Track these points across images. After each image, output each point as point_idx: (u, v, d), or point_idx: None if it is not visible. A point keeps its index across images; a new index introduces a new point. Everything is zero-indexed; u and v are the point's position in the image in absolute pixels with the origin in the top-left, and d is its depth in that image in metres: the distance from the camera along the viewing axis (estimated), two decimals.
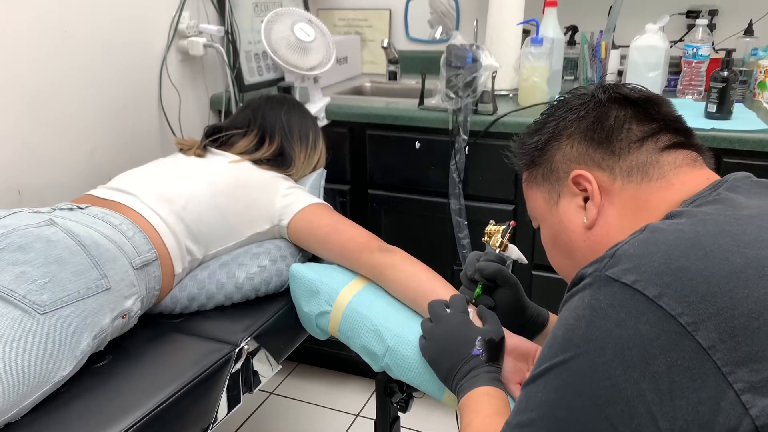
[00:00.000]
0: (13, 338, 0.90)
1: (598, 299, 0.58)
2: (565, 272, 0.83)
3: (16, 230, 1.02)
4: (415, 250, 1.21)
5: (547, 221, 0.82)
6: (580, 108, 0.78)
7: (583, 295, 0.61)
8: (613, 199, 0.73)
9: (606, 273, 0.59)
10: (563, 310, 0.63)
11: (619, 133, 0.74)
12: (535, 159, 0.82)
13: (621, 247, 0.61)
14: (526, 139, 0.84)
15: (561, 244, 0.80)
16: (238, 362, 1.15)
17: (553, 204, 0.80)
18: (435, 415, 1.88)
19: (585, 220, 0.75)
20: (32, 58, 1.41)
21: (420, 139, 1.69)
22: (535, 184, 0.83)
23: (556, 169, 0.79)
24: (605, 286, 0.58)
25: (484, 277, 0.97)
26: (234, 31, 1.93)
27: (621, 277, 0.58)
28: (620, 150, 0.74)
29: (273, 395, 2.04)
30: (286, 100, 1.54)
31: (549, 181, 0.80)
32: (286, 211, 1.32)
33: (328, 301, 1.18)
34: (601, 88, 0.79)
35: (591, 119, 0.76)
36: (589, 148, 0.75)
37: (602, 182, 0.74)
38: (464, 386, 0.88)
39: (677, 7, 1.90)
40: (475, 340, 0.90)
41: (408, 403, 1.24)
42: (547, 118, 0.82)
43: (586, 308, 0.59)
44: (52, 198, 1.46)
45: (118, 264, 1.08)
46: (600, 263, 0.61)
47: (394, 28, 2.31)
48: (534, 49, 1.63)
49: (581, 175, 0.75)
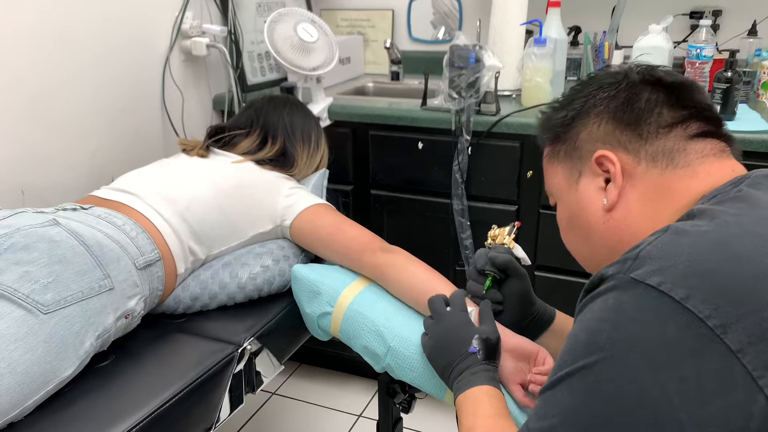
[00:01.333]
0: (17, 338, 0.91)
1: (623, 302, 0.57)
2: (577, 252, 0.82)
3: (19, 230, 1.02)
4: (417, 250, 1.21)
5: (565, 199, 0.80)
6: (611, 87, 0.75)
7: (607, 297, 0.59)
8: (636, 183, 0.72)
9: (631, 275, 0.57)
10: (584, 312, 0.62)
11: (649, 117, 0.72)
12: (559, 134, 0.79)
13: (644, 248, 0.59)
14: (552, 113, 0.81)
15: (577, 225, 0.78)
16: (241, 362, 1.15)
17: (573, 182, 0.78)
18: (437, 416, 1.88)
19: (605, 202, 0.73)
20: (34, 59, 1.41)
21: (423, 140, 1.69)
22: (556, 160, 0.81)
23: (580, 147, 0.77)
24: (630, 289, 0.57)
25: (495, 266, 0.96)
26: (237, 32, 1.93)
27: (646, 279, 0.56)
28: (648, 134, 0.72)
29: (275, 395, 2.04)
30: (288, 100, 1.54)
31: (571, 159, 0.78)
32: (289, 211, 1.32)
33: (330, 302, 1.18)
34: (635, 68, 0.76)
35: (621, 99, 0.74)
36: (616, 128, 0.73)
37: (626, 165, 0.72)
38: (461, 384, 0.87)
39: (681, 7, 1.90)
40: (472, 339, 0.90)
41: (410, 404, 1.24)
42: (575, 93, 0.79)
43: (610, 311, 0.58)
44: (54, 198, 1.46)
45: (121, 264, 1.08)
46: (623, 265, 0.59)
47: (396, 28, 2.31)
48: (537, 50, 1.63)
49: (605, 155, 0.73)
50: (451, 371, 0.89)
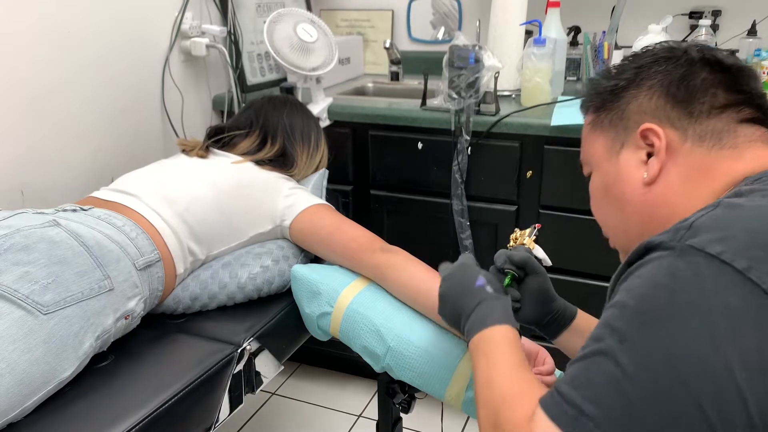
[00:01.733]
0: (16, 338, 0.91)
1: (680, 268, 0.55)
2: (607, 222, 0.81)
3: (19, 231, 1.02)
4: (417, 250, 1.21)
5: (603, 169, 0.79)
6: (668, 61, 0.74)
7: (659, 264, 0.57)
8: (679, 160, 0.71)
9: (687, 242, 0.56)
10: (630, 280, 0.59)
11: (703, 96, 0.71)
12: (607, 103, 0.78)
13: (697, 219, 0.59)
14: (602, 81, 0.80)
15: (613, 195, 0.77)
16: (241, 363, 1.15)
17: (615, 153, 0.77)
18: (437, 416, 1.87)
19: (645, 175, 0.73)
20: (34, 59, 1.41)
21: (422, 140, 1.69)
22: (599, 128, 0.79)
23: (627, 117, 0.75)
24: (687, 256, 0.55)
25: (513, 263, 0.95)
26: (236, 32, 1.93)
27: (706, 248, 0.55)
28: (699, 113, 0.71)
29: (275, 396, 2.04)
30: (288, 100, 1.54)
31: (616, 129, 0.77)
32: (289, 211, 1.32)
33: (329, 302, 1.18)
34: (695, 47, 0.75)
35: (677, 75, 0.73)
36: (667, 103, 0.73)
37: (672, 141, 0.71)
38: (474, 323, 0.80)
39: (680, 7, 1.90)
40: (478, 275, 0.87)
41: (410, 404, 1.24)
42: (628, 64, 0.78)
43: (665, 276, 0.56)
44: (54, 198, 1.46)
45: (121, 265, 1.08)
46: (675, 234, 0.58)
47: (396, 28, 2.31)
48: (537, 50, 1.63)
49: (652, 129, 0.72)
50: (460, 311, 0.84)
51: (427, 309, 1.10)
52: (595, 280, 1.57)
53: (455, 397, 1.05)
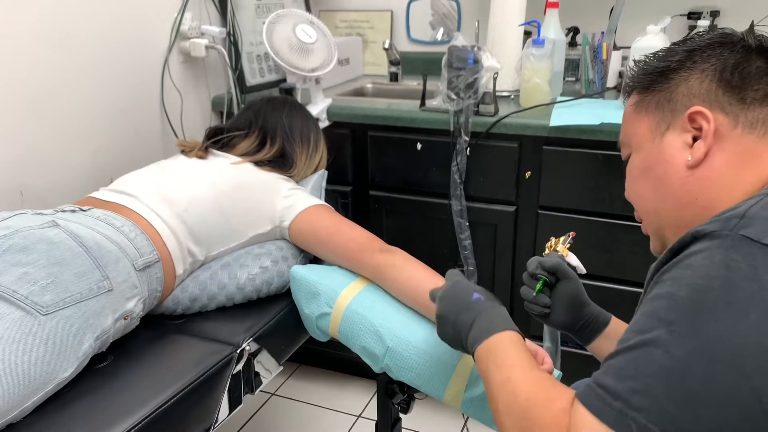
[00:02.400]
0: (16, 339, 0.91)
1: (735, 259, 0.54)
2: (642, 204, 0.80)
3: (18, 231, 1.02)
4: (416, 251, 1.22)
5: (645, 150, 0.78)
6: (723, 46, 0.73)
7: (711, 254, 0.56)
8: (725, 146, 0.70)
9: (741, 232, 0.56)
10: (675, 270, 0.59)
11: (757, 84, 0.71)
12: (655, 84, 0.77)
13: (750, 208, 0.58)
14: (652, 61, 0.79)
15: (652, 176, 0.77)
16: (240, 363, 1.15)
17: (659, 134, 0.76)
18: (437, 416, 1.88)
19: (689, 158, 0.72)
20: (34, 60, 1.41)
21: (421, 141, 1.69)
22: (644, 109, 0.78)
23: (675, 100, 0.74)
24: (742, 247, 0.55)
25: (545, 269, 0.96)
26: (236, 33, 1.93)
27: (762, 239, 0.54)
28: (752, 100, 0.70)
29: (275, 396, 2.05)
30: (287, 101, 1.54)
31: (662, 110, 0.76)
32: (288, 212, 1.32)
33: (329, 303, 1.18)
34: (752, 34, 0.74)
35: (732, 61, 0.72)
36: (719, 88, 0.72)
37: (721, 126, 0.70)
38: (479, 333, 0.80)
39: (679, 8, 1.90)
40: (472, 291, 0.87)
41: (409, 405, 1.24)
42: (679, 48, 0.77)
43: (719, 267, 0.55)
44: (54, 199, 1.46)
45: (120, 265, 1.09)
46: (726, 223, 0.57)
47: (395, 29, 2.31)
48: (535, 51, 1.63)
49: (701, 112, 0.71)
50: (461, 327, 0.84)
51: (426, 309, 1.10)
52: (595, 281, 1.57)
53: (454, 397, 1.05)
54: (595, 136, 1.49)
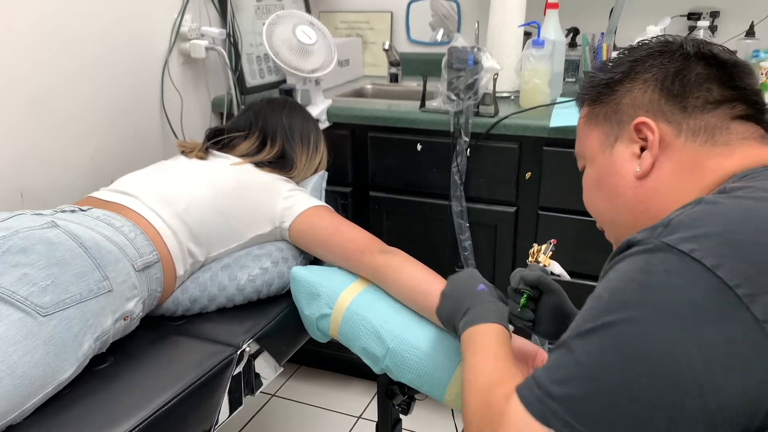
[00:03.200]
0: (16, 340, 0.90)
1: (652, 264, 0.57)
2: (599, 215, 0.82)
3: (18, 232, 1.02)
4: (416, 252, 1.22)
5: (597, 162, 0.79)
6: (663, 55, 0.74)
7: (635, 259, 0.59)
8: (671, 155, 0.71)
9: (662, 240, 0.58)
10: (609, 273, 0.61)
11: (697, 91, 0.71)
12: (602, 96, 0.78)
13: (676, 217, 0.60)
14: (598, 74, 0.80)
15: (605, 188, 0.78)
16: (240, 364, 1.15)
17: (608, 146, 0.77)
18: (437, 417, 1.87)
19: (637, 169, 0.73)
20: (34, 60, 1.41)
21: (421, 141, 1.69)
22: (594, 122, 0.80)
23: (621, 111, 0.76)
24: (660, 252, 0.57)
25: (527, 283, 0.97)
26: (236, 34, 1.93)
27: (678, 245, 0.56)
28: (693, 108, 0.71)
29: (275, 397, 2.04)
30: (287, 102, 1.54)
31: (610, 122, 0.77)
32: (288, 213, 1.32)
33: (329, 304, 1.18)
34: (691, 41, 0.75)
35: (672, 70, 0.73)
36: (661, 98, 0.72)
37: (665, 135, 0.71)
38: (471, 317, 0.85)
39: (678, 8, 1.90)
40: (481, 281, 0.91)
41: (409, 406, 1.24)
42: (624, 58, 0.78)
43: (638, 272, 0.58)
44: (54, 200, 1.46)
45: (119, 266, 1.08)
46: (653, 231, 0.59)
47: (395, 30, 2.31)
48: (535, 51, 1.63)
49: (646, 123, 0.72)
50: (458, 312, 0.89)
51: (427, 310, 1.10)
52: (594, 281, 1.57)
53: (455, 398, 1.05)
54: None
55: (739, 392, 0.52)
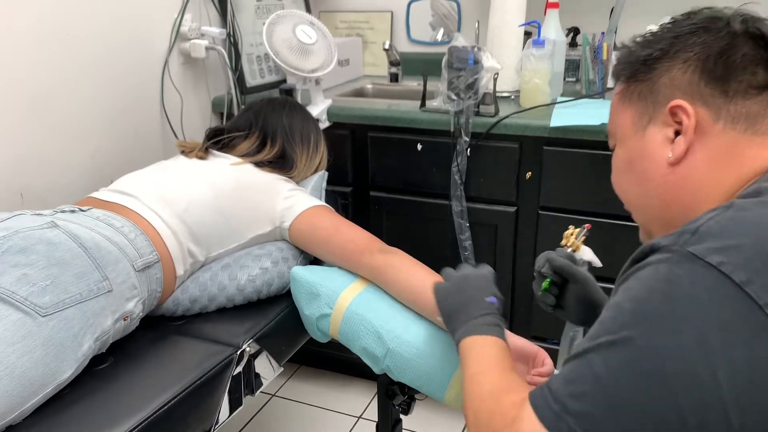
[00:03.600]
0: (15, 340, 0.90)
1: (678, 275, 0.54)
2: (627, 198, 0.78)
3: (18, 233, 1.02)
4: (416, 252, 1.21)
5: (628, 143, 0.75)
6: (708, 32, 0.68)
7: (658, 267, 0.55)
8: (707, 142, 0.66)
9: (688, 249, 0.54)
10: (630, 281, 0.58)
11: (741, 74, 0.66)
12: (638, 73, 0.73)
13: (704, 223, 0.56)
14: (636, 49, 0.74)
15: (635, 171, 0.74)
16: (240, 364, 1.15)
17: (641, 127, 0.72)
18: (437, 417, 1.87)
19: (670, 155, 0.68)
20: (34, 60, 1.41)
21: (422, 141, 1.69)
22: (628, 100, 0.74)
23: (657, 91, 0.70)
24: (686, 263, 0.54)
25: (552, 268, 0.94)
26: (236, 34, 1.93)
27: (705, 256, 0.53)
28: (735, 93, 0.66)
29: (275, 397, 2.04)
30: (287, 102, 1.54)
31: (645, 102, 0.72)
32: (288, 213, 1.32)
33: (329, 304, 1.18)
34: (739, 17, 0.69)
35: (716, 49, 0.67)
36: (701, 80, 0.67)
37: (702, 120, 0.66)
38: (474, 327, 0.82)
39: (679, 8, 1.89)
40: (493, 292, 0.87)
41: (410, 406, 1.24)
42: (665, 33, 0.72)
43: (661, 282, 0.54)
44: (54, 200, 1.46)
45: (119, 266, 1.08)
46: (679, 237, 0.56)
47: (395, 30, 2.31)
48: (535, 51, 1.63)
49: (682, 106, 0.67)
50: (462, 314, 0.85)
51: (427, 310, 1.10)
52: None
53: (455, 398, 1.05)
54: (595, 136, 1.49)
55: (764, 413, 0.50)
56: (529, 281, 1.70)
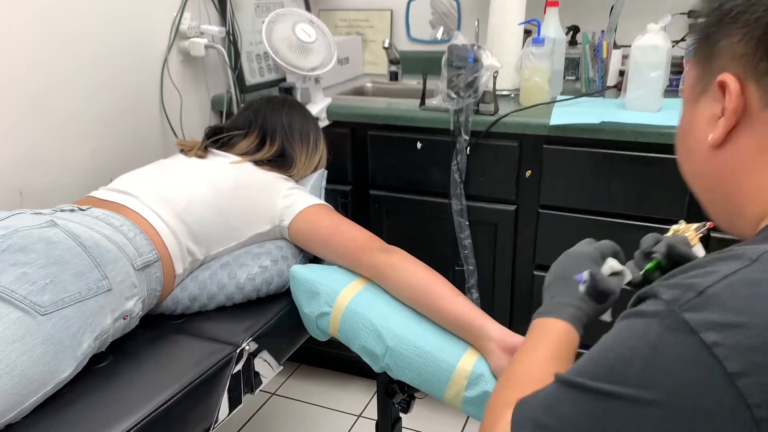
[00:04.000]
0: (14, 339, 0.90)
1: (665, 343, 0.48)
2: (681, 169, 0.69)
3: (17, 231, 1.02)
4: (416, 250, 1.21)
5: (685, 111, 0.66)
6: None
7: (649, 325, 0.50)
8: (755, 128, 0.57)
9: (685, 315, 0.47)
10: (623, 323, 0.54)
11: None
12: (709, 29, 0.60)
13: (717, 282, 0.48)
14: None
15: (684, 142, 0.66)
16: (240, 363, 1.15)
17: (695, 97, 0.63)
18: (437, 416, 1.88)
19: (710, 137, 0.60)
20: (33, 59, 1.41)
21: (421, 140, 1.69)
22: (693, 60, 0.64)
23: (715, 57, 0.59)
24: (678, 333, 0.47)
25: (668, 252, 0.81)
26: (235, 32, 1.93)
27: (701, 332, 0.46)
28: None
29: (275, 396, 2.04)
30: (287, 100, 1.54)
31: (702, 68, 0.62)
32: (287, 211, 1.32)
33: (328, 302, 1.18)
34: None
35: None
36: (758, 51, 0.55)
37: (751, 101, 0.56)
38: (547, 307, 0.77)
39: (679, 6, 1.90)
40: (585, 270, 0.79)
41: (409, 404, 1.24)
42: None
43: (647, 346, 0.49)
44: (53, 199, 1.46)
45: (119, 265, 1.08)
46: (683, 293, 0.49)
47: (395, 28, 2.31)
48: (535, 49, 1.63)
49: (725, 83, 0.57)
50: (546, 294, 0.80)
51: (426, 309, 1.10)
52: None
53: (454, 396, 1.05)
54: (595, 135, 1.48)
55: None
56: (529, 280, 1.70)
